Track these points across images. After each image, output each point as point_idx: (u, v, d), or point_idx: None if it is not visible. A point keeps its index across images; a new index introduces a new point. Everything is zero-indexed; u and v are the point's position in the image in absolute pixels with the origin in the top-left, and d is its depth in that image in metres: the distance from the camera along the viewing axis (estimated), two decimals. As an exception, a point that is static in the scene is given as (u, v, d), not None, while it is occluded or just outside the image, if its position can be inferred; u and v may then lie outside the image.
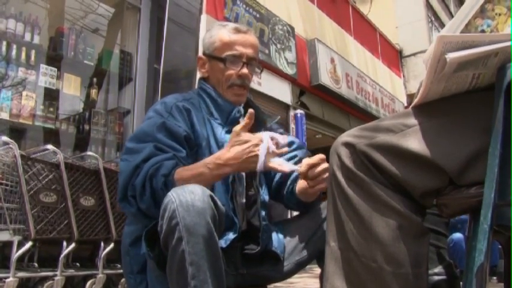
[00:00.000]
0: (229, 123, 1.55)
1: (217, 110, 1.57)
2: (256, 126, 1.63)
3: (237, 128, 1.33)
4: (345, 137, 0.99)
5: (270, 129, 1.60)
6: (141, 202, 1.30)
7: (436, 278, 1.60)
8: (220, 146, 1.49)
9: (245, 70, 1.58)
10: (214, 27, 1.65)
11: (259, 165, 1.29)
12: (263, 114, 1.71)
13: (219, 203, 1.22)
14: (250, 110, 1.34)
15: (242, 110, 1.61)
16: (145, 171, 1.29)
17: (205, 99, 1.60)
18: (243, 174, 1.56)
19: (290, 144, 1.71)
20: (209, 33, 1.65)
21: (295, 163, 1.56)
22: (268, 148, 1.28)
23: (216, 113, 1.57)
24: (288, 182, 1.64)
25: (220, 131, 1.53)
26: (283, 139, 1.33)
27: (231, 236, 1.41)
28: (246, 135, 1.32)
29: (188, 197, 1.15)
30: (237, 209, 1.46)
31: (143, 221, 1.36)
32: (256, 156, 1.29)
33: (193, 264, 1.12)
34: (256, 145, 1.30)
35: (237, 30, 1.60)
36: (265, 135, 1.30)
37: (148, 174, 1.28)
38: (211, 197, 1.19)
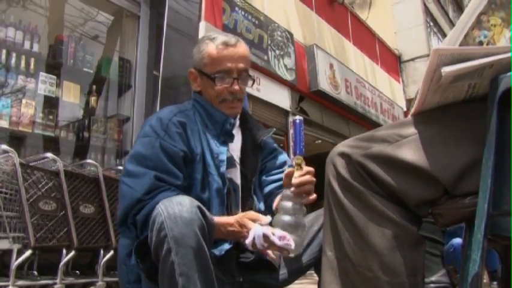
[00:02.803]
0: (223, 134, 1.56)
1: (211, 122, 1.57)
2: (252, 144, 1.65)
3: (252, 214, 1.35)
4: (341, 147, 1.00)
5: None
6: (141, 235, 1.31)
7: (433, 286, 1.60)
8: (215, 157, 1.50)
9: (236, 87, 1.55)
10: (203, 41, 1.60)
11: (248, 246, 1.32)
12: (258, 127, 1.71)
13: (207, 213, 1.24)
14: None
15: (236, 122, 1.62)
16: (148, 210, 1.28)
17: (200, 110, 1.59)
18: (239, 185, 1.57)
19: (281, 165, 1.72)
20: (197, 47, 1.60)
21: (280, 187, 1.58)
22: (255, 241, 1.28)
23: (210, 124, 1.56)
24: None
25: (215, 143, 1.53)
26: (281, 240, 1.27)
27: (226, 246, 1.41)
28: (244, 222, 1.33)
29: (176, 209, 1.17)
30: None
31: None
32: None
33: (183, 274, 1.13)
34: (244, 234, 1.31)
35: (225, 44, 1.54)
36: (255, 231, 1.29)
37: (151, 214, 1.26)
38: (199, 207, 1.20)
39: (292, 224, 1.31)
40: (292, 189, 1.34)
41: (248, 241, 1.28)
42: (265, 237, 1.27)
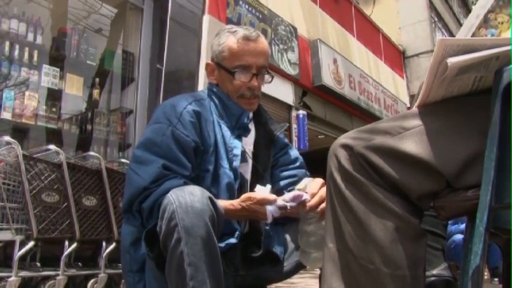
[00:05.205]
0: (238, 127, 1.54)
1: (227, 113, 1.55)
2: (266, 138, 1.65)
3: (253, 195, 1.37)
4: (343, 139, 0.99)
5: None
6: (147, 223, 1.32)
7: (434, 279, 1.60)
8: (229, 151, 1.48)
9: (255, 82, 1.54)
10: (223, 33, 1.57)
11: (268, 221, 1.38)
12: (272, 122, 1.70)
13: (218, 204, 1.23)
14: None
15: (250, 115, 1.60)
16: (155, 198, 1.29)
17: (215, 101, 1.57)
18: (248, 179, 1.57)
19: (294, 161, 1.72)
20: (218, 39, 1.57)
21: (293, 183, 1.60)
22: (274, 215, 1.36)
23: (226, 116, 1.54)
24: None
25: (229, 136, 1.51)
26: (296, 200, 1.36)
27: (231, 241, 1.41)
28: (254, 209, 1.35)
29: (187, 198, 1.17)
30: None
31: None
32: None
33: (192, 265, 1.13)
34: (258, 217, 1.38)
35: (247, 39, 1.52)
36: (271, 212, 1.35)
37: (157, 202, 1.28)
38: (210, 198, 1.20)
39: (319, 241, 1.37)
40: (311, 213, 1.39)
41: (269, 221, 1.37)
42: (282, 208, 1.34)
